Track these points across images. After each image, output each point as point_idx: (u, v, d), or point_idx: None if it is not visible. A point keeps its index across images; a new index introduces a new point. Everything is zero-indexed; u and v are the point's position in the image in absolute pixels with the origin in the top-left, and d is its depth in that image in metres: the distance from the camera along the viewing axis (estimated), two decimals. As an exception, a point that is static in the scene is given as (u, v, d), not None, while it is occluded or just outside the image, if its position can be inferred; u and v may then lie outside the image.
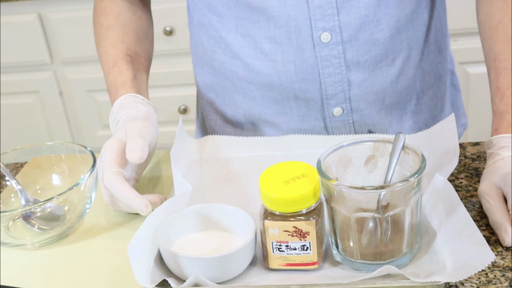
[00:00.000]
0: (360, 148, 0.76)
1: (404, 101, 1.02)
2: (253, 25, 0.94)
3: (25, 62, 2.12)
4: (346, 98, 0.97)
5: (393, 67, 0.97)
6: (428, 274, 0.69)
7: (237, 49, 0.96)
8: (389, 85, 0.98)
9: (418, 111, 1.05)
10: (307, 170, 0.73)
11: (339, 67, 0.94)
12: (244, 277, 0.73)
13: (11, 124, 2.22)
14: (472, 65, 1.99)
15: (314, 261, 0.73)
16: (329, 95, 0.96)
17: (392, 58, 0.96)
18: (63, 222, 0.85)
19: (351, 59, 0.94)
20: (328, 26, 0.92)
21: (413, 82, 1.01)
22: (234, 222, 0.78)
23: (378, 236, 0.70)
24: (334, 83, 0.95)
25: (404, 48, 0.97)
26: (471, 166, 0.93)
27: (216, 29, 0.97)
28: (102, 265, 0.79)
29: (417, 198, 0.70)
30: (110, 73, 0.98)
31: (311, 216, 0.71)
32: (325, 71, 0.94)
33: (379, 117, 1.01)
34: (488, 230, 0.79)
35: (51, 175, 0.93)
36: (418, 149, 0.73)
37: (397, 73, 0.98)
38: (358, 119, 1.00)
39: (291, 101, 0.99)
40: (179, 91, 2.08)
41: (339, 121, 0.99)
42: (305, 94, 0.97)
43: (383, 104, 1.00)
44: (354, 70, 0.95)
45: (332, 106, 0.98)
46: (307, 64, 0.94)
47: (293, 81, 0.96)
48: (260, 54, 0.95)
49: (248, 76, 0.98)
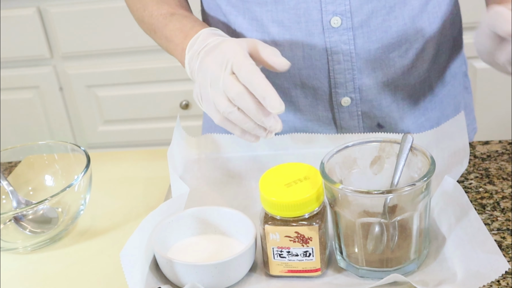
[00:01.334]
0: (366, 149, 0.72)
1: (417, 96, 0.98)
2: (260, 8, 0.90)
3: (24, 57, 2.09)
4: (355, 88, 0.93)
5: (406, 58, 0.93)
6: (437, 282, 0.66)
7: (244, 33, 0.93)
8: (401, 77, 0.95)
9: (432, 108, 1.01)
10: (309, 172, 0.70)
11: (349, 53, 0.90)
12: (244, 284, 0.70)
13: (11, 120, 2.20)
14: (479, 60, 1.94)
15: (317, 268, 0.69)
16: (337, 84, 0.93)
17: (405, 49, 0.93)
18: (56, 225, 0.82)
19: (361, 47, 0.91)
20: (338, 10, 0.88)
21: (427, 77, 0.97)
22: (233, 226, 0.74)
23: (384, 242, 0.67)
24: (343, 71, 0.92)
25: (418, 40, 0.93)
26: (481, 166, 0.90)
27: (224, 13, 0.94)
28: (96, 270, 0.76)
29: (425, 202, 0.66)
30: (169, 23, 0.89)
31: (314, 220, 0.67)
32: (334, 58, 0.91)
33: (390, 110, 0.97)
34: (499, 235, 0.76)
35: (44, 176, 0.90)
36: (427, 150, 0.69)
37: (410, 65, 0.94)
38: (366, 111, 0.96)
39: (297, 89, 0.95)
40: (180, 86, 2.05)
41: (347, 112, 0.96)
42: (312, 81, 0.94)
43: (394, 97, 0.96)
44: (365, 58, 0.91)
45: (340, 95, 0.94)
46: (316, 50, 0.91)
47: (301, 68, 0.92)
48: (267, 38, 0.91)
49: None
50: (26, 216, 0.82)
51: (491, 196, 0.83)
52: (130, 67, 2.06)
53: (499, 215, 0.79)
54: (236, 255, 0.68)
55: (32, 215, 0.82)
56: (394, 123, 0.98)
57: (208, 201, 0.84)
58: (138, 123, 2.15)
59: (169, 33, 0.88)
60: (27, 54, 2.09)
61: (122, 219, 0.85)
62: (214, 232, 0.75)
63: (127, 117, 2.15)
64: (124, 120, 2.16)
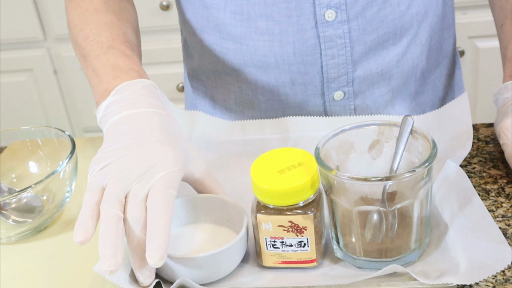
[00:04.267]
0: (364, 132, 0.69)
1: (409, 82, 0.94)
2: (247, 1, 0.85)
3: (17, 39, 2.05)
4: (348, 81, 0.89)
5: (400, 46, 0.89)
6: (439, 273, 0.62)
7: (228, 28, 0.88)
8: (395, 66, 0.91)
9: (423, 92, 0.97)
10: (304, 158, 0.66)
11: (344, 48, 0.86)
12: (235, 276, 0.67)
13: (5, 103, 2.17)
14: (482, 39, 1.90)
15: (313, 259, 0.66)
16: (330, 79, 0.88)
17: (399, 36, 0.89)
18: (41, 213, 0.78)
19: (356, 39, 0.86)
20: (333, 3, 0.83)
21: (420, 61, 0.93)
22: (224, 214, 0.71)
23: (383, 230, 0.63)
24: (337, 66, 0.87)
25: (413, 25, 0.89)
26: (485, 149, 0.86)
27: (205, 5, 0.88)
28: (83, 261, 0.73)
29: (427, 189, 0.63)
30: (103, 55, 0.77)
31: (309, 209, 0.63)
32: (328, 53, 0.86)
33: (383, 100, 0.93)
34: (504, 222, 0.72)
35: (27, 162, 0.86)
36: (428, 133, 0.65)
37: (403, 52, 0.90)
38: (360, 104, 0.92)
39: (286, 87, 0.91)
40: (177, 68, 2.01)
41: (340, 106, 0.92)
42: (303, 77, 0.89)
43: (388, 86, 0.92)
44: (360, 50, 0.87)
45: (333, 90, 0.90)
46: (307, 45, 0.86)
47: (291, 63, 0.88)
48: (254, 33, 0.87)
49: (241, 58, 0.90)
50: (9, 204, 0.78)
51: (496, 181, 0.79)
52: (125, 49, 2.02)
53: (504, 201, 0.76)
54: (226, 246, 0.64)
55: (16, 204, 0.78)
56: (387, 112, 0.94)
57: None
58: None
59: (99, 66, 0.76)
60: (20, 36, 2.05)
61: (110, 207, 0.81)
62: (204, 221, 0.72)
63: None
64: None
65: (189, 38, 0.96)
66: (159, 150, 0.65)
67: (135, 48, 0.82)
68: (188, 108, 1.04)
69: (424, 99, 0.98)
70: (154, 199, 0.61)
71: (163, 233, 0.59)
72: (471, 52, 1.91)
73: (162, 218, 0.60)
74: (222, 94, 0.96)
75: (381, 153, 0.69)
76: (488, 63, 1.90)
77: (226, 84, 0.95)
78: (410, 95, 0.96)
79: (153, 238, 0.59)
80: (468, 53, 1.91)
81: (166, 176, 0.63)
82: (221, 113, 0.98)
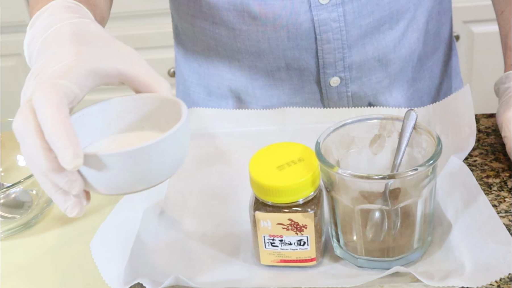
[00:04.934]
0: (365, 126, 0.66)
1: (407, 68, 0.92)
2: None
3: (4, 23, 2.01)
4: (345, 67, 0.87)
5: (397, 30, 0.87)
6: (443, 274, 0.60)
7: (220, 13, 0.85)
8: (392, 51, 0.88)
9: (421, 78, 0.95)
10: (304, 153, 0.64)
11: (339, 32, 0.83)
12: (232, 274, 0.65)
13: (-8, 89, 2.13)
14: (477, 24, 1.88)
15: (312, 257, 0.64)
16: (326, 64, 0.86)
17: (396, 19, 0.86)
18: (30, 209, 0.76)
19: (352, 22, 0.84)
20: None
21: (417, 47, 0.91)
22: (163, 117, 0.57)
23: (385, 229, 0.61)
24: (333, 50, 0.85)
25: (410, 9, 0.86)
26: (486, 141, 0.84)
27: None
28: (73, 258, 0.71)
29: (431, 187, 0.61)
30: None
31: (309, 207, 0.61)
32: (323, 37, 0.84)
33: (380, 86, 0.91)
34: (507, 217, 0.70)
35: (16, 155, 0.83)
36: (432, 129, 0.63)
37: (401, 36, 0.88)
38: (357, 90, 0.90)
39: (282, 72, 0.88)
40: (168, 53, 1.98)
41: (336, 92, 0.89)
42: (298, 63, 0.87)
43: (385, 72, 0.90)
44: (356, 35, 0.85)
45: (329, 76, 0.87)
46: (302, 29, 0.84)
47: (285, 49, 0.85)
48: (248, 18, 0.84)
49: (234, 44, 0.87)
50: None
51: (498, 174, 0.77)
52: (116, 33, 1.98)
53: (506, 196, 0.74)
54: (158, 139, 0.51)
55: (4, 199, 0.76)
56: (384, 99, 0.92)
57: (193, 181, 0.78)
58: (125, 91, 2.08)
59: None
60: (7, 20, 2.01)
61: (101, 202, 0.79)
62: (140, 128, 0.58)
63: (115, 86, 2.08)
64: (111, 88, 2.09)
65: (180, 24, 0.93)
66: (63, 49, 0.56)
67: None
68: (180, 97, 1.02)
69: (421, 85, 0.96)
70: (37, 96, 0.51)
71: (60, 129, 0.49)
72: (466, 37, 1.88)
73: (48, 113, 0.50)
74: (216, 81, 0.94)
75: (382, 148, 0.66)
76: (484, 48, 1.88)
77: (220, 71, 0.92)
78: (407, 82, 0.94)
79: (53, 140, 0.49)
80: (463, 38, 1.89)
81: (60, 68, 0.53)
82: (215, 101, 0.95)
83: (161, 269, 0.66)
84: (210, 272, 0.66)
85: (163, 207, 0.74)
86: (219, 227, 0.71)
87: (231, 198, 0.75)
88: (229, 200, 0.75)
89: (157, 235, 0.71)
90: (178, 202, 0.75)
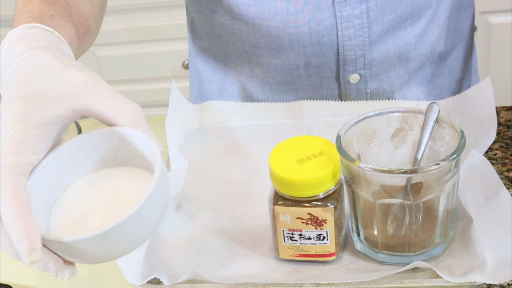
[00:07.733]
0: (386, 119, 0.65)
1: (426, 64, 0.91)
2: None
3: (4, 16, 1.99)
4: (365, 64, 0.85)
5: (418, 26, 0.85)
6: (464, 270, 0.59)
7: (240, 8, 0.84)
8: (412, 47, 0.87)
9: (440, 75, 0.94)
10: (324, 147, 0.63)
11: (361, 28, 0.82)
12: (249, 268, 0.64)
13: None
14: (494, 14, 1.86)
15: (332, 252, 0.63)
16: (346, 61, 0.85)
17: (418, 16, 0.85)
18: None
19: (374, 19, 0.82)
20: None
21: (438, 44, 0.90)
22: (134, 152, 0.54)
23: (406, 224, 0.60)
24: (354, 47, 0.83)
25: (431, 5, 0.85)
26: (506, 134, 0.83)
27: None
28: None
29: (454, 181, 0.60)
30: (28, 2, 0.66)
31: (329, 201, 0.60)
32: (345, 34, 0.82)
33: (399, 83, 0.89)
34: (530, 212, 0.69)
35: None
36: (456, 122, 0.62)
37: (422, 33, 0.86)
38: (375, 87, 0.88)
39: (300, 69, 0.87)
40: (182, 45, 1.97)
41: (355, 89, 0.88)
42: (318, 59, 0.85)
43: (405, 69, 0.88)
44: (377, 31, 0.83)
45: (349, 72, 0.86)
46: (324, 26, 0.82)
47: (306, 45, 0.84)
48: (268, 13, 0.83)
49: (253, 39, 0.86)
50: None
51: (519, 168, 0.76)
52: (130, 26, 1.98)
53: (528, 190, 0.73)
54: (131, 212, 0.46)
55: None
56: (402, 95, 0.91)
57: (211, 175, 0.77)
58: (139, 83, 2.08)
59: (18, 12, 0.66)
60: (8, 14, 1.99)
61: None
62: (115, 162, 0.55)
63: (128, 78, 2.07)
64: (125, 81, 2.08)
65: (197, 18, 0.92)
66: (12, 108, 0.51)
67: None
68: (194, 92, 1.01)
69: (440, 82, 0.94)
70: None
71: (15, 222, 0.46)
72: (483, 28, 1.86)
73: (3, 204, 0.47)
74: (232, 77, 0.93)
75: (404, 141, 0.65)
76: (501, 39, 1.86)
77: (237, 67, 0.91)
78: (426, 78, 0.92)
79: (10, 232, 0.47)
80: (481, 29, 1.87)
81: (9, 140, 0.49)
82: (229, 98, 0.94)
83: (178, 264, 0.66)
84: (228, 266, 0.65)
85: (179, 201, 0.73)
86: (236, 221, 0.71)
87: (248, 192, 0.74)
88: (246, 193, 0.74)
89: (174, 229, 0.70)
90: (195, 196, 0.75)
